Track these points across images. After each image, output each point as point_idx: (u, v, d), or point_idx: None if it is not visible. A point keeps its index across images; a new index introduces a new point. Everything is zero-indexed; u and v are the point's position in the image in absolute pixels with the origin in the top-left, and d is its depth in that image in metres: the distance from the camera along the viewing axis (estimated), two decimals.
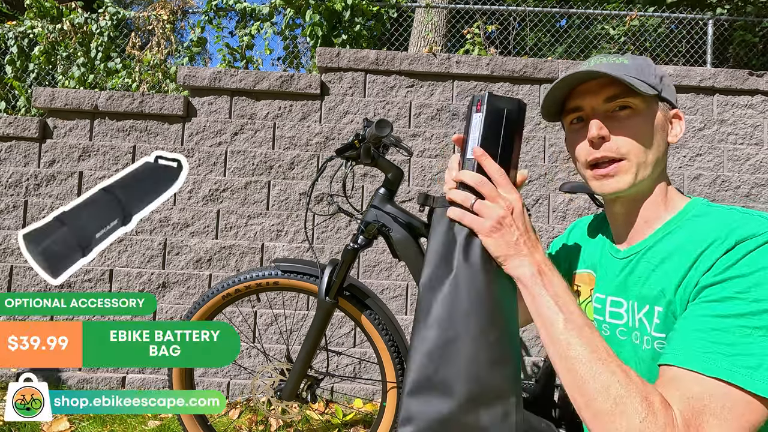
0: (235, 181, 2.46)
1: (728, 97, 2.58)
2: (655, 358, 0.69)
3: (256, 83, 2.50)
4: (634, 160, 0.72)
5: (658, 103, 0.75)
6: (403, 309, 2.39)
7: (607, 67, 0.73)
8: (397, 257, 1.41)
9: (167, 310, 2.36)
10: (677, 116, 0.77)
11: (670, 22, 4.94)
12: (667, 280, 0.69)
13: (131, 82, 3.50)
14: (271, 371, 1.60)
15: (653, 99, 0.74)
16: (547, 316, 0.64)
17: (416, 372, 0.64)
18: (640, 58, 0.76)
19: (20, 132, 2.46)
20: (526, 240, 0.66)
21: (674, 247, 0.71)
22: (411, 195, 2.47)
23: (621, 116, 0.73)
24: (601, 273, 0.83)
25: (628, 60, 0.74)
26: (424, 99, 2.57)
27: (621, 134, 0.72)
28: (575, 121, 0.78)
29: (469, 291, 0.65)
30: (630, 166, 0.72)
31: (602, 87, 0.73)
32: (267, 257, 2.41)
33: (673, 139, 0.77)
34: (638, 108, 0.73)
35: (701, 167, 2.53)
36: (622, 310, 0.76)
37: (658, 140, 0.74)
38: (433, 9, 4.17)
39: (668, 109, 0.76)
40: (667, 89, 0.75)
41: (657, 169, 0.74)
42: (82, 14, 3.68)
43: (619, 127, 0.73)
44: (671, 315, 0.68)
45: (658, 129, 0.74)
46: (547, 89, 0.90)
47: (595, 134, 0.72)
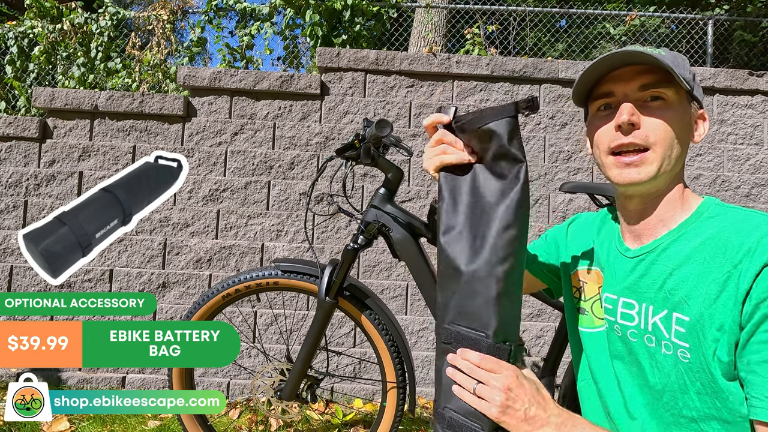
0: (235, 181, 2.46)
1: (728, 97, 2.58)
2: (677, 365, 0.68)
3: (256, 83, 2.50)
4: (659, 151, 0.70)
5: (690, 100, 0.73)
6: (403, 309, 2.39)
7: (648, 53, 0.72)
8: (397, 257, 1.41)
9: (167, 310, 2.36)
10: (703, 117, 0.76)
11: (671, 22, 4.94)
12: (691, 289, 0.67)
13: (131, 82, 3.50)
14: (271, 371, 1.60)
15: (686, 95, 0.72)
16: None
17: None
18: (675, 53, 0.73)
19: (20, 132, 2.46)
20: (536, 407, 0.66)
21: (691, 250, 0.69)
22: (411, 195, 2.47)
23: (653, 106, 0.71)
24: (609, 271, 0.82)
25: (665, 52, 0.72)
26: (424, 99, 2.57)
27: (652, 123, 0.70)
28: (602, 108, 0.75)
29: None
30: (655, 157, 0.70)
31: (637, 74, 0.71)
32: (267, 257, 2.41)
33: (697, 139, 0.75)
34: (671, 100, 0.71)
35: (701, 167, 2.53)
36: (634, 312, 0.75)
37: (685, 136, 0.73)
38: (433, 9, 4.17)
39: (697, 108, 0.75)
40: (698, 88, 0.74)
41: (678, 165, 0.73)
42: (82, 14, 3.68)
43: (651, 115, 0.70)
44: (701, 329, 0.65)
45: (687, 124, 0.73)
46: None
47: (626, 119, 0.69)
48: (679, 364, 0.68)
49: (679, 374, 0.68)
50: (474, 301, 0.68)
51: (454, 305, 0.70)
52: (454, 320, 0.70)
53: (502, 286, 0.66)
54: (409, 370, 1.49)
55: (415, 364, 2.31)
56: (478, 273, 0.67)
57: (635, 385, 0.75)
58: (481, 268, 0.67)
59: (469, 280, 0.68)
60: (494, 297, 0.66)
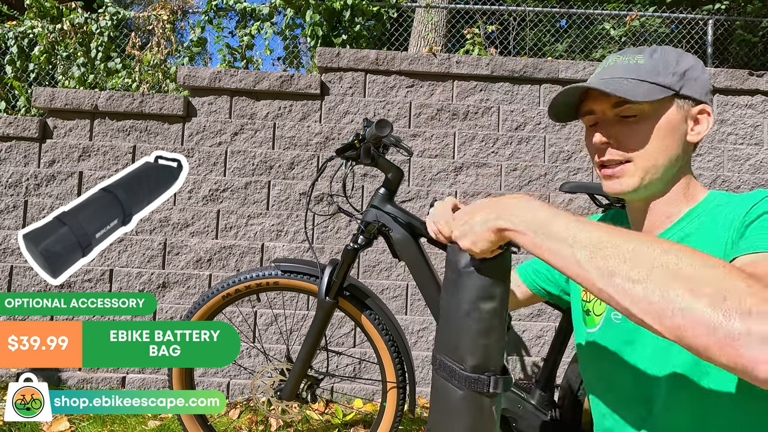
0: (235, 181, 2.46)
1: (728, 97, 2.58)
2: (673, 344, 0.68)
3: (256, 83, 2.50)
4: (640, 164, 0.72)
5: (675, 101, 0.72)
6: (403, 309, 2.39)
7: (614, 70, 0.73)
8: (397, 257, 1.41)
9: (167, 310, 2.36)
10: (704, 112, 0.73)
11: (671, 22, 4.94)
12: (695, 244, 0.68)
13: (131, 82, 3.50)
14: (271, 371, 1.60)
15: (665, 100, 0.71)
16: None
17: None
18: (661, 54, 0.73)
19: (20, 132, 2.46)
20: (483, 207, 0.66)
21: (697, 227, 0.71)
22: (411, 195, 2.47)
23: (629, 121, 0.73)
24: None
25: (645, 59, 0.72)
26: (424, 99, 2.57)
27: (626, 140, 0.73)
28: (592, 123, 0.78)
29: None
30: (635, 169, 0.72)
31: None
32: (267, 257, 2.41)
33: (695, 138, 0.73)
34: (646, 112, 0.71)
35: (701, 167, 2.53)
36: None
37: (671, 142, 0.72)
38: (433, 9, 4.17)
39: (691, 105, 0.72)
40: (691, 84, 0.72)
41: (671, 170, 0.73)
42: (82, 14, 3.67)
43: (624, 132, 0.73)
44: None
45: (670, 131, 0.72)
46: (554, 93, 0.90)
47: (598, 142, 0.74)
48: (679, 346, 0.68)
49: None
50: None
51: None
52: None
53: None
54: (409, 370, 1.50)
55: (415, 364, 2.31)
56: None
57: (648, 371, 0.73)
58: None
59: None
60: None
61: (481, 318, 0.68)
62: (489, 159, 2.52)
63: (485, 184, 2.49)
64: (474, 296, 0.68)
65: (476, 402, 0.68)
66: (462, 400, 0.68)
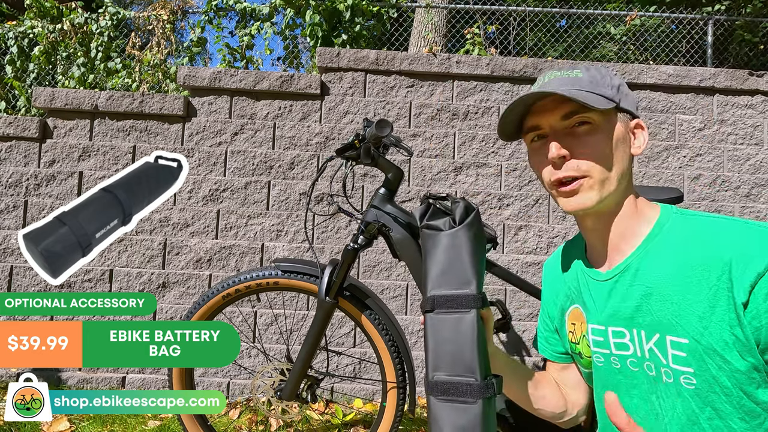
0: (235, 181, 2.46)
1: (728, 97, 2.58)
2: (681, 393, 0.65)
3: (256, 83, 2.50)
4: (596, 176, 0.70)
5: (618, 114, 0.72)
6: (403, 309, 2.39)
7: (558, 82, 0.72)
8: (397, 257, 1.41)
9: (167, 310, 2.36)
10: (639, 126, 0.74)
11: (671, 21, 4.94)
12: (677, 309, 0.66)
13: (131, 82, 3.50)
14: (271, 371, 1.60)
15: (612, 111, 0.71)
16: None
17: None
18: (595, 69, 0.74)
19: (20, 132, 2.46)
20: None
21: (666, 268, 0.68)
22: (411, 195, 2.47)
23: (580, 132, 0.71)
24: (588, 302, 0.80)
25: (582, 72, 0.73)
26: (424, 99, 2.57)
27: (581, 152, 0.71)
28: (535, 139, 0.76)
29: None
30: (593, 183, 0.71)
31: (558, 104, 0.72)
32: (267, 257, 2.41)
33: (637, 151, 0.74)
34: (596, 122, 0.71)
35: (701, 167, 2.53)
36: (626, 340, 0.72)
37: (620, 154, 0.72)
38: (433, 9, 4.17)
39: (629, 119, 0.74)
40: (626, 99, 0.73)
41: (622, 183, 0.72)
42: (82, 14, 3.68)
43: (578, 144, 0.71)
44: (704, 350, 0.63)
45: (619, 142, 0.71)
46: (502, 112, 0.90)
47: (555, 155, 0.71)
48: (684, 392, 0.65)
49: (686, 403, 0.65)
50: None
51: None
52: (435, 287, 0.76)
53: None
54: (409, 370, 1.50)
55: (416, 364, 2.31)
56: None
57: (643, 420, 0.71)
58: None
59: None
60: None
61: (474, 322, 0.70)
62: (489, 159, 2.52)
63: (485, 184, 2.50)
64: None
65: (490, 407, 0.68)
66: (480, 413, 0.66)
